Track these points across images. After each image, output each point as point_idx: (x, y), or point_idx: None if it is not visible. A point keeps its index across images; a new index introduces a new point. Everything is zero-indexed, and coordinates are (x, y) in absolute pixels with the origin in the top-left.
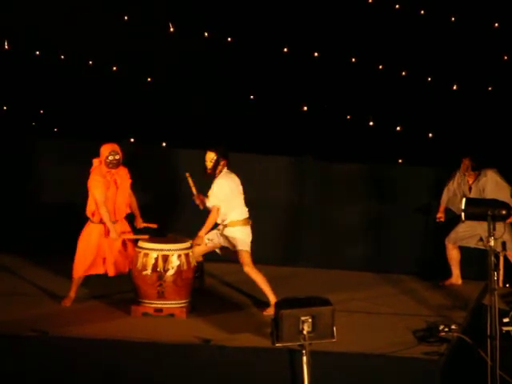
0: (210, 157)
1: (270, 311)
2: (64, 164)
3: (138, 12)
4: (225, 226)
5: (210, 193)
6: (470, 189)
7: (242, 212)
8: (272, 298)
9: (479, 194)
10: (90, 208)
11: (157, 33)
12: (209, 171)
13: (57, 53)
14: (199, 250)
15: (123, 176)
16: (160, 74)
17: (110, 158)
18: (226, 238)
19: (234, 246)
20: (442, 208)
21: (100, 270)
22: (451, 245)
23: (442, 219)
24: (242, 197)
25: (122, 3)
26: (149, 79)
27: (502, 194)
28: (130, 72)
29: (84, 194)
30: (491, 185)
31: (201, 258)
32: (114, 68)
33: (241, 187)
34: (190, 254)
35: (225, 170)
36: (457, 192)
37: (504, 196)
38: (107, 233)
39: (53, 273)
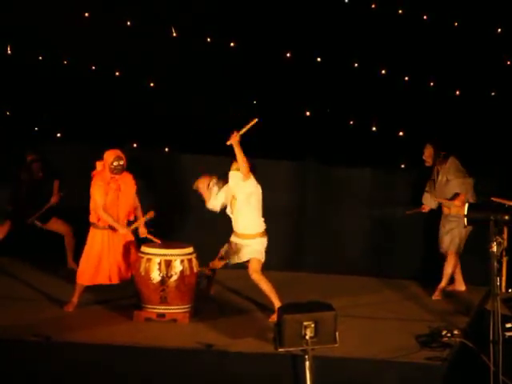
0: (237, 166)
1: (276, 318)
2: (65, 167)
3: (141, 16)
4: (243, 237)
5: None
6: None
7: (261, 223)
8: (278, 305)
9: (445, 179)
10: (93, 213)
11: (159, 37)
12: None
13: (59, 57)
14: (219, 264)
15: (127, 182)
16: (163, 78)
17: (115, 163)
18: (239, 252)
19: (245, 256)
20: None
21: (106, 280)
22: (446, 252)
23: (425, 210)
24: (260, 210)
25: (124, 9)
26: (151, 84)
27: (465, 182)
28: (132, 77)
29: (86, 198)
30: (453, 170)
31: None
32: (117, 73)
33: (261, 200)
34: (193, 259)
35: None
36: (430, 184)
37: (465, 184)
38: (111, 238)
39: (55, 277)
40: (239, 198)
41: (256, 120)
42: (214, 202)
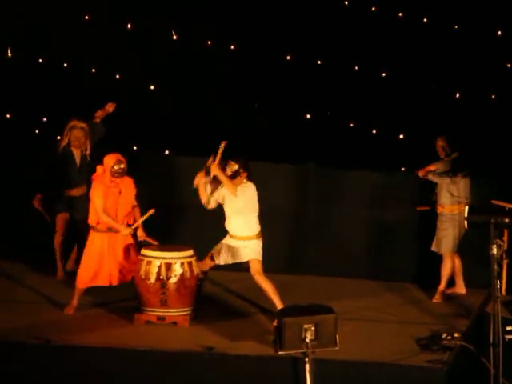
0: (232, 167)
1: None
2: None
3: (142, 20)
4: (236, 239)
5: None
6: None
7: (257, 226)
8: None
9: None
10: (92, 217)
11: (160, 40)
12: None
13: (59, 60)
14: (209, 264)
15: (128, 185)
16: (163, 81)
17: (116, 167)
18: (235, 253)
19: (244, 257)
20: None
21: (105, 282)
22: (442, 254)
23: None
24: (256, 212)
25: (124, 11)
26: (152, 87)
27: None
28: (133, 79)
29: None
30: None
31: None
32: (118, 76)
33: (257, 202)
34: (193, 262)
35: (244, 181)
36: None
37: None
38: (110, 241)
39: (55, 280)
40: (230, 206)
41: (224, 143)
42: (209, 200)
